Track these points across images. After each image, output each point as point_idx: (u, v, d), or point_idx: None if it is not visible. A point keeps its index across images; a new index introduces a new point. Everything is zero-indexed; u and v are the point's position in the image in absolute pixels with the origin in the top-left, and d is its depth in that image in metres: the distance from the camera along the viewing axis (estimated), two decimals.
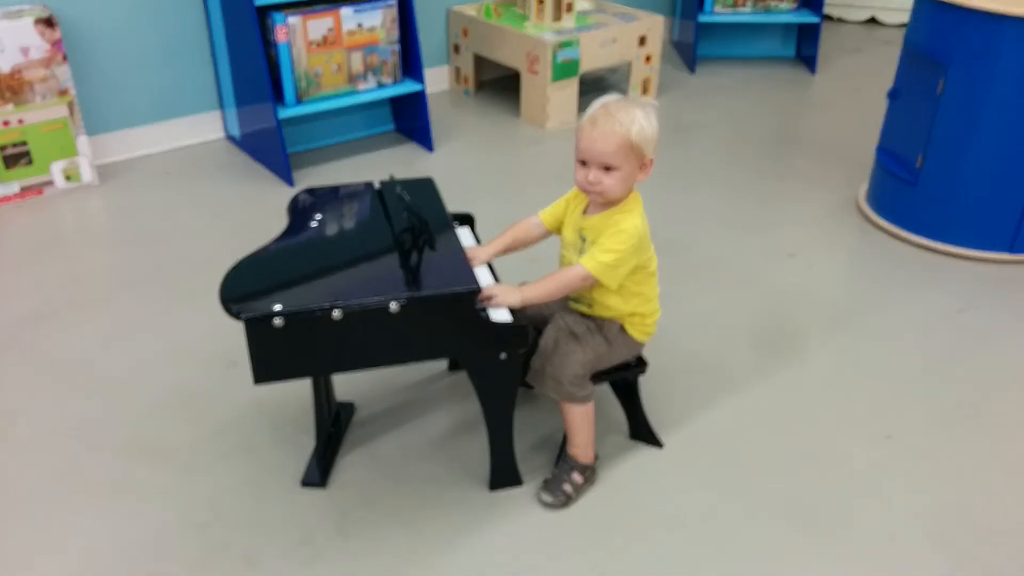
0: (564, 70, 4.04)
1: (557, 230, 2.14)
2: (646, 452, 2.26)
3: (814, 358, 2.63)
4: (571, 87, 4.13)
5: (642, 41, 4.30)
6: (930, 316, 2.83)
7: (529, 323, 2.08)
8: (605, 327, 2.07)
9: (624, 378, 2.20)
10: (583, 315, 2.10)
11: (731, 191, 3.62)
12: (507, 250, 2.15)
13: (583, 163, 1.94)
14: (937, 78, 3.00)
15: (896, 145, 3.29)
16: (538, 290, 1.97)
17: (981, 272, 3.07)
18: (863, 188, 3.54)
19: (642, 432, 2.28)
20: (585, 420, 2.09)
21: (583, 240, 2.02)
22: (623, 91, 4.49)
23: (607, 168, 1.91)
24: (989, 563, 1.99)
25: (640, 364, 2.18)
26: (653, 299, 2.10)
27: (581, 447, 2.11)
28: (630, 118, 1.88)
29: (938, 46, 2.99)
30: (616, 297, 2.03)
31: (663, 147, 4.04)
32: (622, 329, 2.08)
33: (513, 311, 1.95)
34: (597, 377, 2.11)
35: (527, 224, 2.16)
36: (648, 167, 1.95)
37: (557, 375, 2.02)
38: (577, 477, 2.11)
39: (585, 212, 2.05)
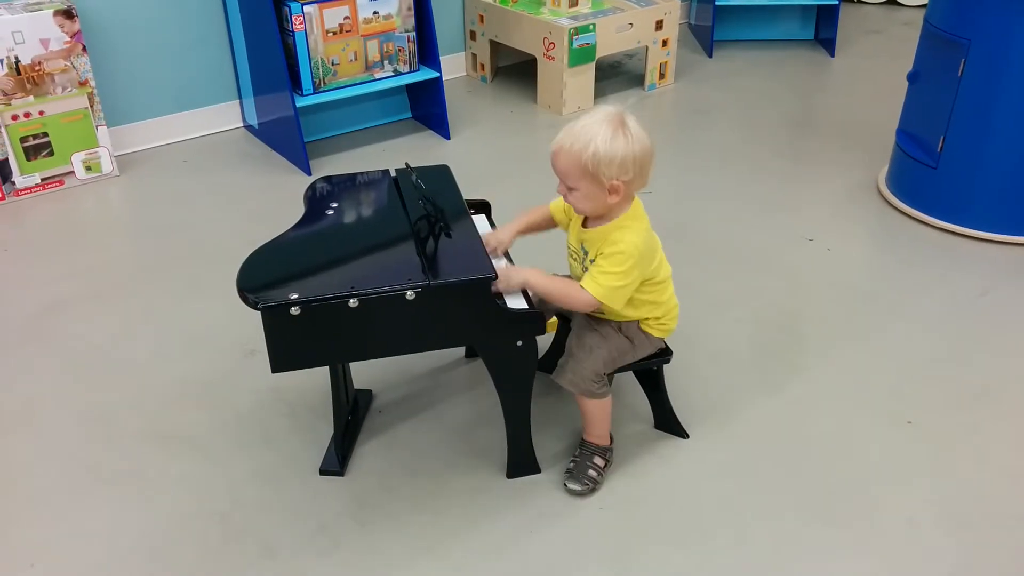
0: (581, 55, 4.02)
1: (564, 225, 2.12)
2: (666, 441, 2.26)
3: (834, 342, 2.61)
4: (588, 72, 4.11)
5: (659, 25, 4.27)
6: (951, 300, 2.81)
7: (550, 314, 2.08)
8: (624, 327, 2.06)
9: (648, 368, 2.20)
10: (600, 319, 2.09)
11: (749, 174, 3.59)
12: (527, 230, 2.14)
13: None
14: (958, 59, 2.96)
15: (916, 128, 3.25)
16: (543, 283, 1.93)
17: (1003, 256, 3.03)
18: (883, 171, 3.51)
19: (667, 422, 2.27)
20: (603, 412, 2.09)
21: (584, 253, 1.99)
22: (639, 76, 4.47)
23: (571, 187, 1.88)
24: (1009, 549, 1.98)
25: (664, 353, 2.16)
26: (665, 302, 2.06)
27: (597, 436, 2.13)
28: (587, 139, 1.80)
29: (959, 26, 2.94)
30: (627, 308, 2.00)
31: (681, 130, 4.06)
32: (640, 328, 2.07)
33: (528, 300, 1.95)
34: (620, 367, 2.11)
35: (542, 210, 2.15)
36: (619, 189, 1.84)
37: (578, 370, 2.02)
38: (599, 461, 2.11)
39: (585, 224, 2.00)
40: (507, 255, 2.13)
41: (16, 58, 3.22)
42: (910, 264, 3.00)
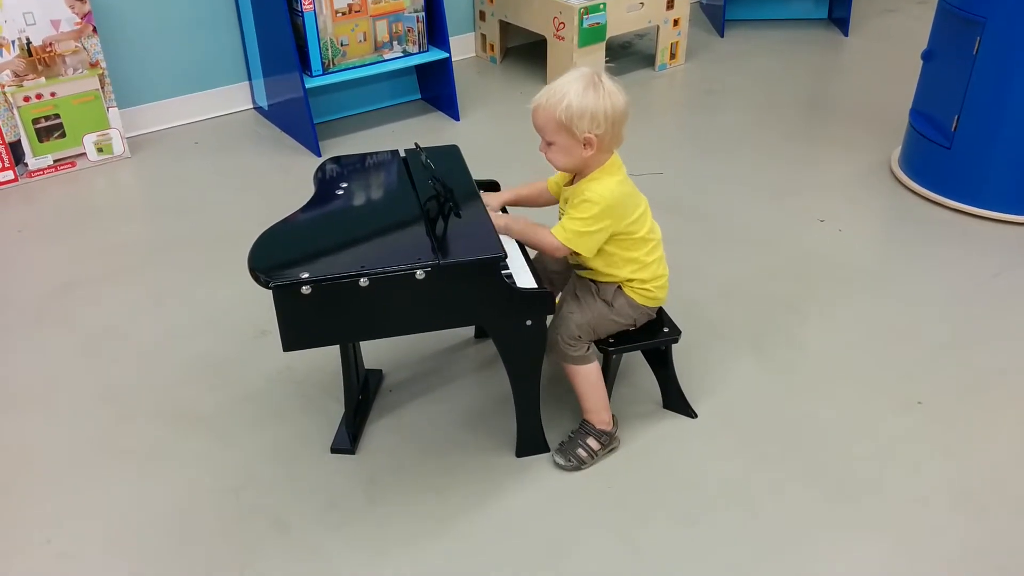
0: (591, 35, 4.00)
1: (558, 196, 2.18)
2: (674, 420, 2.26)
3: (845, 324, 2.61)
4: (598, 52, 4.09)
5: (670, 4, 4.24)
6: (963, 281, 2.79)
7: (555, 290, 2.08)
8: (602, 289, 2.09)
9: (657, 347, 2.20)
10: (590, 280, 2.12)
11: (761, 155, 3.57)
12: (517, 201, 2.23)
13: None
14: (973, 37, 2.93)
15: (930, 107, 3.23)
16: (518, 227, 2.04)
17: (1017, 237, 3.01)
18: (896, 152, 3.48)
19: (675, 402, 2.28)
20: (588, 383, 2.10)
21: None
22: (650, 56, 4.44)
23: (549, 142, 1.97)
24: (1020, 530, 1.98)
25: (672, 332, 2.17)
26: (651, 264, 2.08)
27: (593, 411, 2.12)
28: (561, 94, 1.90)
29: (974, 5, 2.91)
30: (599, 261, 2.05)
31: (691, 111, 4.04)
32: (620, 290, 2.09)
33: (537, 279, 1.96)
34: (624, 344, 2.12)
35: (538, 185, 2.22)
36: (593, 143, 1.93)
37: (553, 335, 2.05)
38: (593, 443, 2.11)
39: (570, 182, 2.08)
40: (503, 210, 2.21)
41: (27, 39, 3.23)
42: (922, 245, 2.99)
